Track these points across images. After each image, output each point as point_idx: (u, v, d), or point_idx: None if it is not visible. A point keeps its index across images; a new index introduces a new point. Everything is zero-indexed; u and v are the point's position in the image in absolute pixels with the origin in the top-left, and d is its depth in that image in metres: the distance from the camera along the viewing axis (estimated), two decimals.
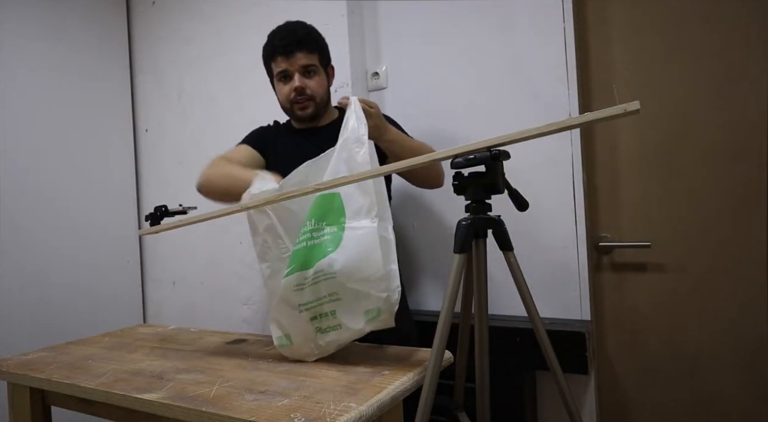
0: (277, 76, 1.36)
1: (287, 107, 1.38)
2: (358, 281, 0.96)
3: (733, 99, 1.36)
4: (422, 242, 1.69)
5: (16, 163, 1.87)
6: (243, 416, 0.78)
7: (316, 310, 1.00)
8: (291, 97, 1.34)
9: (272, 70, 1.37)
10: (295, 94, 1.33)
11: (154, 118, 2.26)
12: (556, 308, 1.46)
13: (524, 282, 0.90)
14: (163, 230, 1.22)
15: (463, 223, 0.86)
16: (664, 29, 1.43)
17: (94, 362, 1.14)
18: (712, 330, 1.40)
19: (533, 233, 1.47)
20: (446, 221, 1.64)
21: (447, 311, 0.85)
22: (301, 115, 1.36)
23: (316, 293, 0.99)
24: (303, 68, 1.32)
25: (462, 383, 1.02)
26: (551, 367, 0.90)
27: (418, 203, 1.68)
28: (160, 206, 1.27)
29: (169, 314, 2.22)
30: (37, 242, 1.91)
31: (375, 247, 0.95)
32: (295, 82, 1.32)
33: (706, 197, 1.39)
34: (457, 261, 0.86)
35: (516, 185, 0.91)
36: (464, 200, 0.89)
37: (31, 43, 1.93)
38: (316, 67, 1.35)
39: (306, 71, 1.33)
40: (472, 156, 0.82)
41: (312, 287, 0.99)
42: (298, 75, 1.32)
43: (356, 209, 0.98)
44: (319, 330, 1.01)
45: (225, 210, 1.10)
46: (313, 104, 1.35)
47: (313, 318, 1.01)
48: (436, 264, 1.67)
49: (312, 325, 1.01)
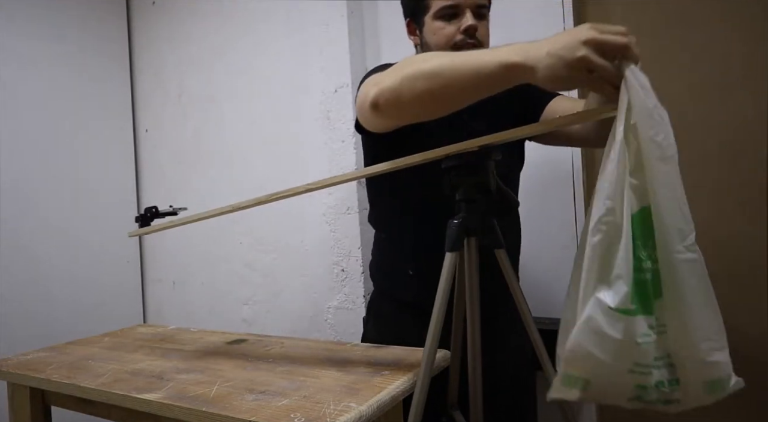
0: (438, 11, 1.06)
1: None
2: (693, 339, 0.67)
3: (733, 99, 1.36)
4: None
5: (16, 163, 1.87)
6: (243, 416, 0.78)
7: (645, 378, 0.68)
8: (457, 39, 1.05)
9: (428, 4, 1.08)
10: (464, 37, 1.05)
11: (154, 118, 2.26)
12: (556, 308, 1.46)
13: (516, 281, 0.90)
14: (152, 232, 1.21)
15: (454, 222, 0.86)
16: (664, 30, 1.43)
17: (94, 362, 1.14)
18: None
19: (533, 233, 1.47)
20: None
21: (439, 310, 0.86)
22: None
23: (647, 355, 0.67)
24: (477, 7, 1.06)
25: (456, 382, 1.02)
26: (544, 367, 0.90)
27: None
28: (150, 207, 1.24)
29: (169, 315, 2.22)
30: (37, 242, 1.91)
31: (706, 286, 0.68)
32: (468, 20, 1.04)
33: (705, 197, 1.39)
34: (449, 260, 0.86)
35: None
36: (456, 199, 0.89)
37: (31, 43, 1.93)
38: (487, 10, 1.10)
39: (478, 12, 1.07)
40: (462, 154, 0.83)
41: (648, 345, 0.68)
42: (471, 13, 1.05)
43: (676, 230, 0.67)
44: (639, 398, 0.70)
45: (217, 210, 1.09)
46: None
47: (640, 386, 0.69)
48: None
49: (634, 391, 0.70)
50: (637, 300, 0.66)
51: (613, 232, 0.67)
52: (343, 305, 1.75)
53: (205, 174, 2.10)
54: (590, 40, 0.63)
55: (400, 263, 1.17)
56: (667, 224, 0.66)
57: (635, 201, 0.68)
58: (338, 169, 1.75)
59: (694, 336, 0.66)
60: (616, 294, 0.65)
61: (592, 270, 0.68)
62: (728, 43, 1.36)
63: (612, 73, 0.65)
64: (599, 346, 0.65)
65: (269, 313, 1.94)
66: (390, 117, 0.87)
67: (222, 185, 2.06)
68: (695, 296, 0.66)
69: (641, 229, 0.68)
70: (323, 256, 1.79)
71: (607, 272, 0.67)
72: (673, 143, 0.67)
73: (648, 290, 0.67)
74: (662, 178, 0.66)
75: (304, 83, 1.83)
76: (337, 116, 1.74)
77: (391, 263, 1.22)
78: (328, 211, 1.77)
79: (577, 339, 0.66)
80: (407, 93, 0.79)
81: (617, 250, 0.66)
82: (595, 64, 0.64)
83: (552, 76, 0.66)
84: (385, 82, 0.82)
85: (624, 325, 0.65)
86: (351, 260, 1.73)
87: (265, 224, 1.94)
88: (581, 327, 0.66)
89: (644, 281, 0.67)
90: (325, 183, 0.96)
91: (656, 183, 0.66)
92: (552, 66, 0.65)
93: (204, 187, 2.11)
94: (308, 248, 1.83)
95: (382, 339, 1.17)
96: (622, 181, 0.67)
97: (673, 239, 0.66)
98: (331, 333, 1.78)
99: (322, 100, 1.78)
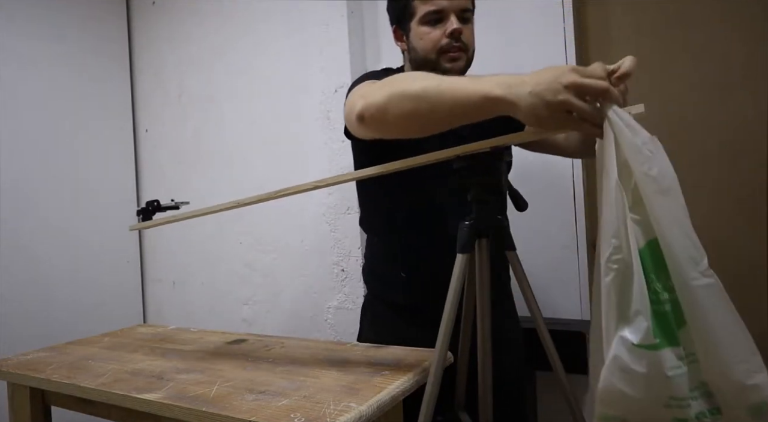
0: (423, 17, 1.08)
1: (432, 58, 1.09)
2: (727, 364, 0.66)
3: (733, 99, 1.36)
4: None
5: (16, 163, 1.87)
6: (243, 416, 0.78)
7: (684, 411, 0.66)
8: (443, 43, 1.06)
9: (414, 10, 1.09)
10: (450, 41, 1.06)
11: (154, 118, 2.26)
12: (556, 308, 1.46)
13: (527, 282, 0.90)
14: (154, 226, 1.21)
15: (466, 223, 0.86)
16: (664, 30, 1.43)
17: (94, 362, 1.14)
18: None
19: (533, 233, 1.47)
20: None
21: (450, 311, 0.85)
22: (450, 67, 1.08)
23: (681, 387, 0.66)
24: (461, 11, 1.07)
25: (464, 383, 1.02)
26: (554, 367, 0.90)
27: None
28: (152, 201, 1.23)
29: (169, 315, 2.22)
30: (37, 242, 1.91)
31: (728, 308, 0.67)
32: (453, 24, 1.05)
33: (705, 197, 1.39)
34: (460, 262, 0.86)
35: (516, 184, 0.91)
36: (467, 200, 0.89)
37: (31, 43, 1.93)
38: (472, 13, 1.11)
39: (463, 16, 1.08)
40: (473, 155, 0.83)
41: (681, 377, 0.66)
42: (455, 17, 1.06)
43: (687, 258, 0.67)
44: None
45: (219, 207, 1.09)
46: (465, 57, 1.09)
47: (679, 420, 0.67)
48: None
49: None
50: (660, 333, 0.66)
51: (624, 269, 0.67)
52: (343, 305, 1.75)
53: (205, 174, 2.10)
54: (571, 85, 0.65)
55: (392, 266, 1.17)
56: (677, 254, 0.66)
57: (640, 236, 0.68)
58: (338, 169, 1.74)
59: (727, 360, 0.65)
60: (638, 330, 0.65)
61: (610, 309, 0.68)
62: (728, 43, 1.36)
63: (592, 114, 0.67)
64: (629, 384, 0.65)
65: (269, 313, 1.94)
66: (374, 132, 0.88)
67: (222, 185, 2.06)
68: (720, 319, 0.66)
69: (652, 262, 0.67)
70: (323, 256, 1.79)
71: (625, 309, 0.67)
72: (670, 173, 0.67)
73: (669, 321, 0.67)
74: (664, 210, 0.66)
75: (304, 83, 1.83)
76: (337, 116, 1.74)
77: (382, 266, 1.23)
78: (328, 211, 1.77)
79: (607, 379, 0.66)
80: (393, 111, 0.80)
81: (631, 286, 0.66)
82: (575, 107, 0.66)
83: (533, 114, 0.68)
84: (373, 97, 0.83)
85: (650, 360, 0.65)
86: (351, 260, 1.73)
87: (265, 224, 1.94)
88: (609, 367, 0.66)
89: (664, 313, 0.67)
90: (334, 181, 0.96)
91: (659, 216, 0.66)
92: (533, 105, 0.67)
93: (204, 187, 2.11)
94: (308, 248, 1.83)
95: (380, 340, 1.17)
96: (623, 218, 0.67)
97: (686, 267, 0.66)
98: (331, 333, 1.78)
99: (322, 100, 1.78)
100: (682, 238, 0.66)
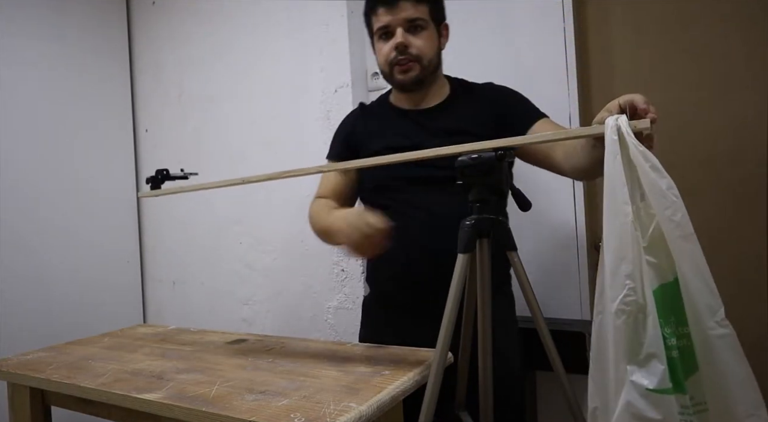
0: (377, 33, 1.13)
1: (386, 71, 1.14)
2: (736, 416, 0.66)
3: (733, 99, 1.36)
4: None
5: (16, 163, 1.87)
6: (243, 416, 0.78)
7: None
8: (391, 57, 1.10)
9: (372, 27, 1.15)
10: (396, 54, 1.09)
11: (154, 118, 2.26)
12: (556, 308, 1.46)
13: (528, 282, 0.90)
14: (162, 195, 1.21)
15: (467, 223, 0.86)
16: (663, 29, 1.43)
17: (94, 362, 1.14)
18: None
19: (533, 233, 1.47)
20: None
21: (451, 311, 0.85)
22: (401, 79, 1.12)
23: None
24: (408, 22, 1.09)
25: (464, 383, 1.02)
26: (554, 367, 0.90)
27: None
28: (162, 169, 1.22)
29: (169, 315, 2.22)
30: (37, 242, 1.91)
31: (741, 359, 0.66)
32: (398, 38, 1.08)
33: (705, 197, 1.39)
34: (461, 261, 0.86)
35: (517, 184, 0.91)
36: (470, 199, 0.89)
37: (31, 43, 1.93)
38: (425, 21, 1.11)
39: (412, 26, 1.10)
40: (476, 155, 0.83)
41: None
42: (401, 30, 1.09)
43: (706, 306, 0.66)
44: None
45: (226, 181, 1.13)
46: (419, 67, 1.11)
47: None
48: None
49: None
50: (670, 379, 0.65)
51: (637, 311, 0.67)
52: (343, 305, 1.75)
53: (205, 174, 2.10)
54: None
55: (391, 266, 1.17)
56: (696, 301, 0.66)
57: (654, 279, 0.67)
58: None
59: (736, 412, 0.65)
60: (653, 374, 0.65)
61: (619, 353, 0.67)
62: (728, 43, 1.36)
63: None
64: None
65: (269, 313, 1.94)
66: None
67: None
68: (733, 371, 0.65)
69: (662, 306, 0.67)
70: (323, 256, 1.79)
71: (636, 352, 0.66)
72: (689, 221, 0.67)
73: (677, 368, 0.66)
74: (686, 256, 0.66)
75: (304, 83, 1.83)
76: (337, 116, 1.74)
77: (374, 265, 1.25)
78: None
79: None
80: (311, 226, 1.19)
81: (644, 329, 0.66)
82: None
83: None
84: (310, 208, 1.23)
85: (665, 406, 0.64)
86: (351, 260, 1.73)
87: (265, 225, 1.94)
88: (621, 415, 0.65)
89: (672, 359, 0.66)
90: (340, 166, 1.06)
91: (681, 261, 0.66)
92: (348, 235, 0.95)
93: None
94: (308, 248, 1.82)
95: (380, 340, 1.17)
96: (638, 259, 0.67)
97: (704, 316, 0.65)
98: (331, 333, 1.78)
99: (322, 100, 1.78)
100: (701, 286, 0.66)
